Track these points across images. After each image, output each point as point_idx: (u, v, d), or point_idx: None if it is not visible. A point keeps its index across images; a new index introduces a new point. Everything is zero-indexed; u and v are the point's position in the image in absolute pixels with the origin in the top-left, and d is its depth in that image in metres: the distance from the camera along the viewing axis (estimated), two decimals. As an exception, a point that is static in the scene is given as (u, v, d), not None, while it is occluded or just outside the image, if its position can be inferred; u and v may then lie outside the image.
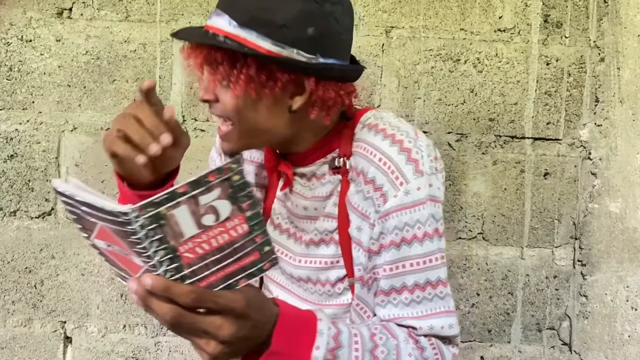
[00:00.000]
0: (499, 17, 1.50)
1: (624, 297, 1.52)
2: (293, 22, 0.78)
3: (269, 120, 0.83)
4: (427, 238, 0.83)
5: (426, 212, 0.83)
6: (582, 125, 1.52)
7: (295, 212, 0.94)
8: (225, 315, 0.58)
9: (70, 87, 1.48)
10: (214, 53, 0.78)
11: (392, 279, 0.84)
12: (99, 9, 1.48)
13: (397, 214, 0.82)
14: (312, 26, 0.79)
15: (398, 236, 0.82)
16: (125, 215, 0.51)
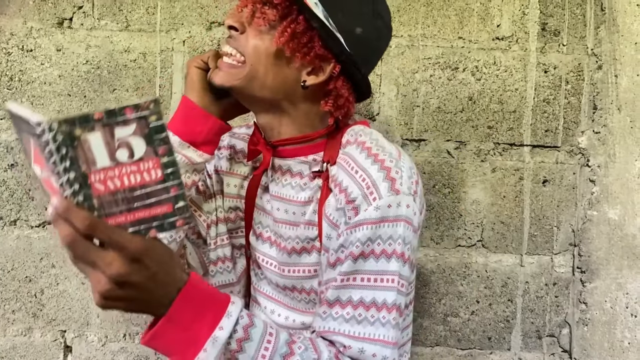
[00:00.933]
0: (497, 26, 1.50)
1: (623, 304, 1.52)
2: (349, 13, 0.84)
3: (277, 80, 0.86)
4: (384, 256, 0.80)
5: (392, 230, 0.81)
6: (581, 133, 1.52)
7: (276, 216, 0.94)
8: (117, 253, 0.57)
9: (71, 97, 1.49)
10: None
11: (339, 290, 0.81)
12: (99, 18, 1.48)
13: (363, 227, 0.81)
14: (361, 28, 0.85)
15: (358, 249, 0.81)
16: (39, 126, 0.52)
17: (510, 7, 1.50)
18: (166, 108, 1.49)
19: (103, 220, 0.57)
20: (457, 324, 1.54)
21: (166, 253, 0.63)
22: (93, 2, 1.48)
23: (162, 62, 1.49)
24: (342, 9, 0.84)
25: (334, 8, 0.82)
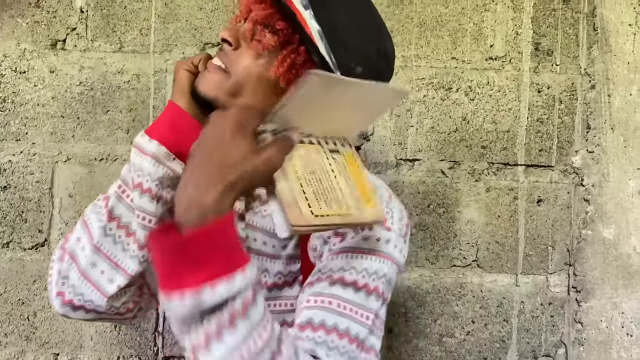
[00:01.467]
0: (490, 46, 1.51)
1: (619, 324, 1.52)
2: (353, 51, 0.80)
3: (263, 105, 0.80)
4: (365, 290, 0.76)
5: (378, 266, 0.77)
6: (575, 152, 1.53)
7: (251, 246, 0.91)
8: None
9: (64, 118, 1.49)
10: (278, 15, 0.79)
11: (312, 311, 0.75)
12: (93, 40, 1.48)
13: (348, 254, 0.78)
14: (362, 68, 0.81)
15: (338, 274, 0.77)
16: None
17: (504, 27, 1.51)
18: (160, 129, 1.49)
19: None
20: (452, 345, 1.53)
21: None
22: (86, 23, 1.48)
23: (155, 84, 1.49)
24: (346, 45, 0.80)
25: (337, 43, 0.79)
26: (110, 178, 1.49)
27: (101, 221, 0.87)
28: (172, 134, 0.84)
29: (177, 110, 0.85)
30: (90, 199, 1.48)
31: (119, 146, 1.49)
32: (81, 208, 1.49)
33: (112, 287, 0.87)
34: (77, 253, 0.88)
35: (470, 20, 1.50)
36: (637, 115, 1.51)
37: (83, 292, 0.87)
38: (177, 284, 0.58)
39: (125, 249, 0.87)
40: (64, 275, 0.88)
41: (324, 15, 0.79)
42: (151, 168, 0.83)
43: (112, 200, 0.87)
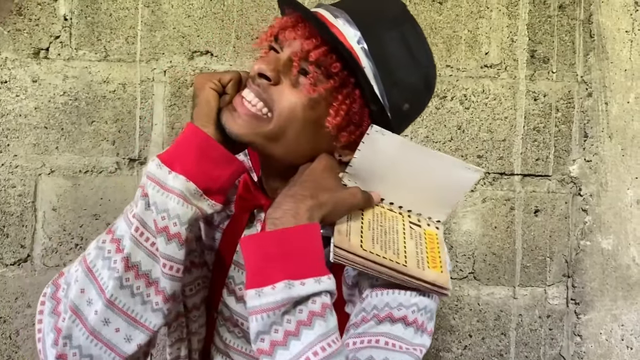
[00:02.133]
0: (485, 53, 1.48)
1: (619, 336, 1.49)
2: (404, 88, 0.76)
3: (306, 149, 0.77)
4: (414, 326, 0.73)
5: (428, 302, 0.74)
6: (572, 161, 1.50)
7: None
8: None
9: (47, 129, 1.44)
10: (333, 55, 0.72)
11: (359, 352, 0.72)
12: (77, 48, 1.44)
13: (395, 291, 0.74)
14: (409, 105, 0.78)
15: (383, 312, 0.74)
16: None
17: (499, 35, 1.48)
18: (146, 140, 1.44)
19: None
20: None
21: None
22: (70, 31, 1.43)
23: (142, 93, 1.45)
24: (398, 83, 0.75)
25: (390, 82, 0.74)
26: (95, 191, 1.44)
27: (115, 270, 0.73)
28: (200, 167, 0.73)
29: (205, 139, 0.74)
30: (75, 213, 1.43)
31: (105, 158, 1.44)
32: (65, 222, 1.44)
33: (130, 347, 0.75)
34: (83, 309, 0.73)
35: (464, 27, 1.47)
36: (634, 124, 1.48)
37: (92, 354, 0.74)
38: (269, 275, 0.64)
39: (146, 302, 0.75)
40: (65, 335, 0.73)
41: (377, 47, 0.73)
42: (179, 209, 0.72)
43: (129, 245, 0.73)
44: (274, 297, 0.64)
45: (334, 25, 0.73)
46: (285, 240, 0.66)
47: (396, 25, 0.75)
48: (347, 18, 0.73)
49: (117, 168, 1.45)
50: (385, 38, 0.74)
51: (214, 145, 0.74)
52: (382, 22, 0.75)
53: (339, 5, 0.77)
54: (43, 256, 1.44)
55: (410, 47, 0.76)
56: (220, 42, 1.45)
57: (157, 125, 1.45)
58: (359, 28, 0.73)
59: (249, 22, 1.45)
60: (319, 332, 0.64)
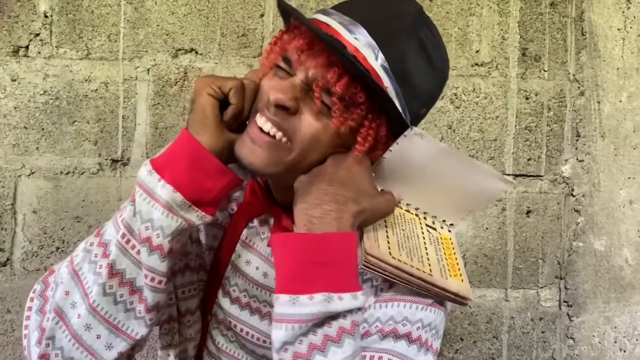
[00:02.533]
0: (476, 52, 1.45)
1: (612, 339, 1.46)
2: (423, 97, 0.73)
3: (322, 161, 0.72)
4: (418, 343, 0.70)
5: (434, 317, 0.72)
6: (564, 161, 1.47)
7: (254, 278, 0.83)
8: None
9: (27, 129, 1.40)
10: (357, 85, 0.67)
11: None
12: (58, 46, 1.40)
13: (400, 304, 0.72)
14: (427, 108, 0.75)
15: (389, 326, 0.70)
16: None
17: (490, 32, 1.45)
18: (129, 140, 1.41)
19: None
20: (440, 363, 1.47)
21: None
22: (51, 29, 1.39)
23: (125, 92, 1.41)
24: (419, 95, 0.72)
25: (412, 96, 0.71)
26: (77, 193, 1.40)
27: (99, 276, 0.71)
28: (190, 177, 0.69)
29: (198, 148, 0.69)
30: (56, 215, 1.39)
31: (87, 159, 1.40)
32: (46, 225, 1.40)
33: (110, 354, 0.73)
34: (67, 311, 0.71)
35: (455, 25, 1.44)
36: (627, 123, 1.46)
37: (73, 357, 0.72)
38: (309, 283, 0.61)
39: (128, 309, 0.73)
40: (49, 336, 0.71)
41: (397, 62, 0.68)
42: (163, 221, 0.68)
43: (114, 251, 0.71)
44: (310, 309, 0.61)
45: (352, 45, 0.67)
46: (328, 248, 0.63)
47: (414, 32, 0.70)
48: (364, 33, 0.68)
49: (100, 169, 1.41)
50: (405, 49, 0.69)
51: (207, 156, 0.69)
52: (400, 31, 0.69)
53: (351, 14, 0.70)
54: (23, 260, 1.40)
55: (428, 53, 0.72)
56: (205, 40, 1.42)
57: (140, 125, 1.41)
58: (377, 42, 0.67)
59: (235, 19, 1.41)
60: (348, 352, 0.62)
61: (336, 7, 0.72)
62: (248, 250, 0.84)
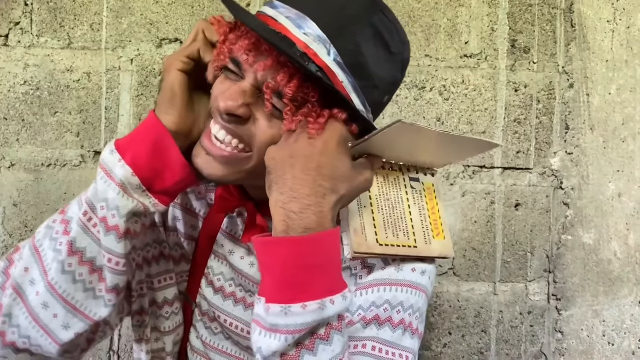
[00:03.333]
0: (465, 43, 1.44)
1: (600, 333, 1.46)
2: (384, 86, 0.70)
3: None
4: (401, 327, 0.70)
5: (415, 299, 0.71)
6: (553, 154, 1.46)
7: (239, 268, 0.82)
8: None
9: (7, 121, 1.36)
10: (309, 85, 0.64)
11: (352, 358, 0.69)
12: (39, 35, 1.36)
13: (380, 288, 0.71)
14: (388, 95, 0.72)
15: (372, 313, 0.70)
16: None
17: (479, 24, 1.43)
18: (113, 132, 1.38)
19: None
20: (429, 358, 1.45)
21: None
22: (31, 17, 1.36)
23: (108, 83, 1.38)
24: (378, 85, 0.69)
25: (371, 86, 0.68)
26: (59, 185, 1.37)
27: (59, 253, 0.70)
28: (150, 163, 0.68)
29: (166, 138, 0.68)
30: (37, 208, 1.36)
31: (68, 151, 1.37)
32: (27, 219, 1.36)
33: (67, 335, 0.71)
34: (25, 288, 0.70)
35: (444, 16, 1.42)
36: (616, 115, 1.45)
37: (30, 335, 0.71)
38: (300, 292, 0.59)
39: (88, 289, 0.71)
40: (6, 313, 0.70)
41: (351, 55, 0.65)
42: (119, 201, 0.67)
43: (75, 229, 0.69)
44: (304, 319, 0.58)
45: (302, 42, 0.64)
46: (318, 250, 0.60)
47: (367, 19, 0.67)
48: (314, 27, 0.65)
49: (82, 161, 1.38)
50: (358, 40, 0.66)
51: (170, 143, 0.68)
52: (352, 20, 0.66)
53: (299, 6, 0.67)
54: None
55: (384, 40, 0.69)
56: (190, 30, 1.39)
57: (123, 116, 1.38)
58: (327, 35, 0.64)
59: (221, 8, 1.39)
60: (337, 349, 0.60)
61: (279, 4, 0.68)
62: (230, 240, 0.83)
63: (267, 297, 0.60)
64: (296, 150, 0.63)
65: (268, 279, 0.61)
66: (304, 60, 0.63)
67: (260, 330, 0.60)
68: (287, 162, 0.63)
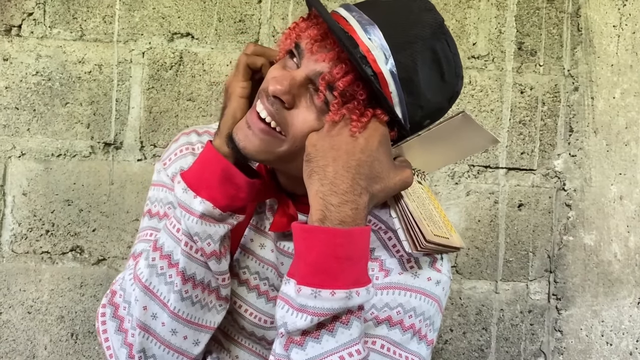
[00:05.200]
0: (472, 44, 1.45)
1: (599, 332, 1.48)
2: (429, 109, 0.72)
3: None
4: (411, 331, 0.72)
5: (427, 307, 0.73)
6: (557, 156, 1.48)
7: (270, 261, 0.84)
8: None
9: (19, 110, 1.38)
10: (360, 84, 0.67)
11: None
12: (51, 26, 1.38)
13: (396, 291, 0.73)
14: (431, 120, 0.73)
15: (385, 314, 0.72)
16: None
17: (487, 25, 1.45)
18: (123, 124, 1.39)
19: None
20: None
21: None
22: (44, 8, 1.37)
23: (119, 75, 1.39)
24: (424, 106, 0.71)
25: (417, 105, 0.70)
26: (68, 175, 1.38)
27: (172, 285, 0.76)
28: (223, 195, 0.74)
29: (230, 170, 0.74)
30: (46, 198, 1.37)
31: (79, 141, 1.39)
32: (36, 208, 1.38)
33: (198, 349, 0.80)
34: (149, 323, 0.77)
35: (452, 17, 1.44)
36: (619, 119, 1.47)
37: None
38: (332, 279, 0.63)
39: (204, 306, 0.79)
40: (139, 349, 0.77)
41: (407, 70, 0.68)
42: (209, 229, 0.74)
43: (183, 260, 0.75)
44: (331, 304, 0.63)
45: (365, 45, 0.67)
46: (352, 243, 0.64)
47: (430, 43, 0.69)
48: (379, 35, 0.68)
49: (92, 152, 1.39)
50: (417, 58, 0.68)
51: (235, 173, 0.74)
52: (416, 39, 0.69)
53: (369, 13, 0.70)
54: (12, 242, 1.38)
55: (441, 68, 0.71)
56: (201, 24, 1.40)
57: (134, 108, 1.40)
58: (390, 46, 0.67)
59: (232, 4, 1.40)
60: (355, 334, 0.65)
61: (359, 5, 0.72)
62: (260, 234, 0.85)
63: (298, 279, 0.64)
64: (338, 143, 0.66)
65: (301, 263, 0.65)
66: (363, 62, 0.66)
67: (288, 308, 0.64)
68: (329, 154, 0.66)
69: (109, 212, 1.39)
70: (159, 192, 0.87)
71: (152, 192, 0.88)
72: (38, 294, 1.39)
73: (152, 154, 1.40)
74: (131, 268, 0.80)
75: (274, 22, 1.41)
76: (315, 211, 0.65)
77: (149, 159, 1.40)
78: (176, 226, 0.76)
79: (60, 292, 1.39)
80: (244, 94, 0.76)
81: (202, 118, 1.40)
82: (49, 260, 1.39)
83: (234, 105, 0.75)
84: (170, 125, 1.40)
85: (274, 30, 1.41)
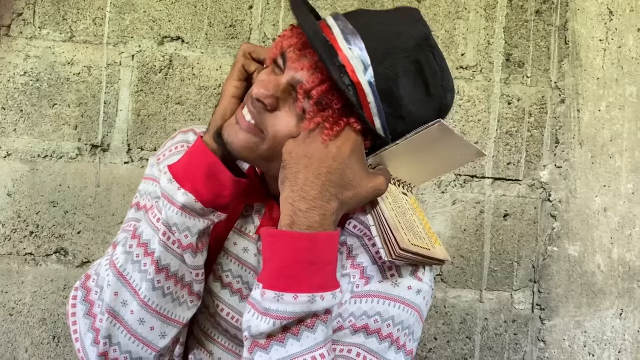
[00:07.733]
0: (461, 54, 1.47)
1: (581, 343, 1.49)
2: (412, 122, 0.72)
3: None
4: (388, 340, 0.72)
5: (406, 316, 0.73)
6: (543, 167, 1.50)
7: (252, 265, 0.84)
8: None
9: (5, 110, 1.37)
10: (335, 93, 0.67)
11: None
12: (41, 27, 1.37)
13: (374, 300, 0.73)
14: (413, 131, 0.73)
15: (362, 321, 0.72)
16: None
17: (475, 36, 1.47)
18: (111, 126, 1.39)
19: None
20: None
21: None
22: (34, 9, 1.37)
23: (108, 77, 1.39)
24: (405, 117, 0.71)
25: (396, 116, 0.71)
26: (54, 177, 1.38)
27: (145, 273, 0.76)
28: (208, 189, 0.75)
29: (217, 166, 0.74)
30: (31, 199, 1.36)
31: (65, 143, 1.38)
32: (20, 208, 1.37)
33: (164, 342, 0.79)
34: (119, 310, 0.76)
35: (442, 27, 1.45)
36: (604, 132, 1.49)
37: (130, 350, 0.78)
38: (295, 283, 0.63)
39: (174, 299, 0.79)
40: (105, 335, 0.76)
41: (386, 81, 0.68)
42: (188, 222, 0.74)
43: (158, 250, 0.75)
44: (293, 308, 0.63)
45: (344, 55, 0.68)
46: (317, 248, 0.65)
47: (413, 55, 0.69)
48: (361, 45, 0.68)
49: (78, 154, 1.39)
50: (399, 71, 0.68)
51: (222, 169, 0.75)
52: (398, 51, 0.68)
53: (354, 23, 0.70)
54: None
55: (426, 80, 0.71)
56: (192, 28, 1.40)
57: (122, 111, 1.39)
58: (370, 57, 0.68)
59: (223, 9, 1.41)
60: (320, 338, 0.65)
61: (347, 14, 0.73)
62: (244, 238, 0.85)
63: (264, 283, 0.65)
64: (311, 150, 0.67)
65: (267, 267, 0.65)
66: (341, 72, 0.67)
67: (254, 312, 0.65)
68: (301, 161, 0.67)
69: (94, 214, 1.39)
70: (149, 185, 0.87)
71: (142, 185, 0.88)
72: (20, 295, 1.38)
73: (139, 157, 1.40)
74: (109, 254, 0.80)
75: (265, 28, 1.42)
76: (284, 216, 0.66)
77: (135, 162, 1.39)
78: (157, 216, 0.76)
79: (43, 294, 1.38)
80: (236, 94, 0.77)
81: (190, 122, 1.40)
82: (32, 262, 1.38)
83: (225, 104, 0.77)
84: (158, 129, 1.40)
85: (265, 36, 1.42)
